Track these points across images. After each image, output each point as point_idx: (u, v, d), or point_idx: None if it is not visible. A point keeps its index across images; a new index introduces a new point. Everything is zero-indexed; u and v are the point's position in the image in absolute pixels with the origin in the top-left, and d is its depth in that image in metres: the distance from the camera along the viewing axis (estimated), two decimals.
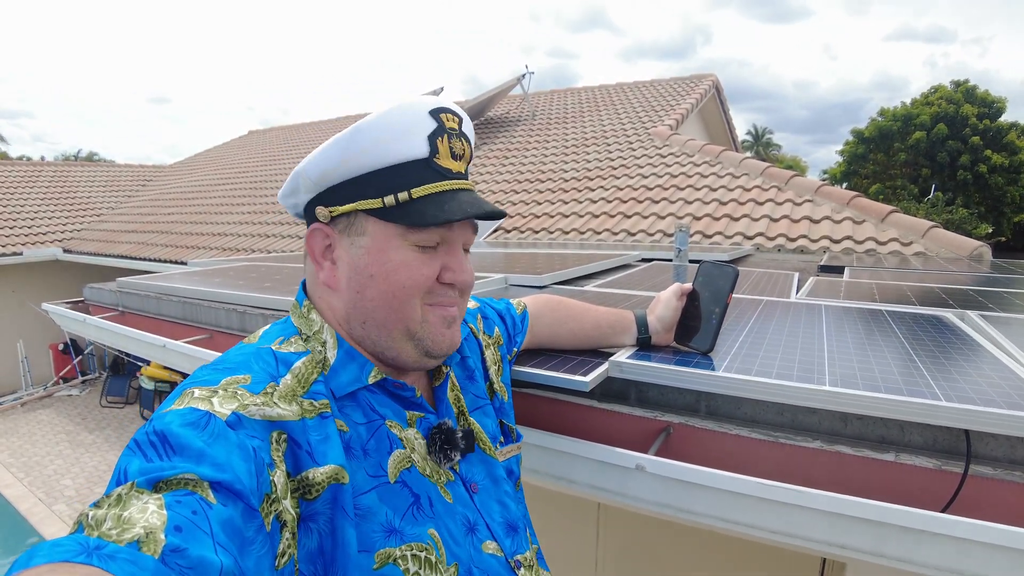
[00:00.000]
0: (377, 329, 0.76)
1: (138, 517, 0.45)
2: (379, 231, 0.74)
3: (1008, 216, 22.65)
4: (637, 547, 2.72)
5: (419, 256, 0.75)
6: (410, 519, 0.70)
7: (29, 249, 9.87)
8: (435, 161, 0.75)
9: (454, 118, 0.78)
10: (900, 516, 0.85)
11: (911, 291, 2.23)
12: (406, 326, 0.76)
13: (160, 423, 0.55)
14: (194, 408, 0.57)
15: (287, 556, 0.58)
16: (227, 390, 0.61)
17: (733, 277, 1.18)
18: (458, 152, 0.78)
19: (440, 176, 0.75)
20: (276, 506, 0.57)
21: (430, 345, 0.77)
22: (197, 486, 0.50)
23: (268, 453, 0.59)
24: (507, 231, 6.32)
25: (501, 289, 2.23)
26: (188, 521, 0.46)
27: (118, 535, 0.43)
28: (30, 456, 7.68)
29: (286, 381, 0.67)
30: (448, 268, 0.77)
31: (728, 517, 0.97)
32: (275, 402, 0.63)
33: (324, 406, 0.68)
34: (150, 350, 2.22)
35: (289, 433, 0.62)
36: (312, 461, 0.63)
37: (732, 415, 1.11)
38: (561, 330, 1.22)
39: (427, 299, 0.77)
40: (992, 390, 1.01)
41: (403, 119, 0.74)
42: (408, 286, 0.74)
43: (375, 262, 0.74)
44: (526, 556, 0.85)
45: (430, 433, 0.79)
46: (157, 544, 0.43)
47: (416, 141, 0.74)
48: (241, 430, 0.57)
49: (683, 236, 3.01)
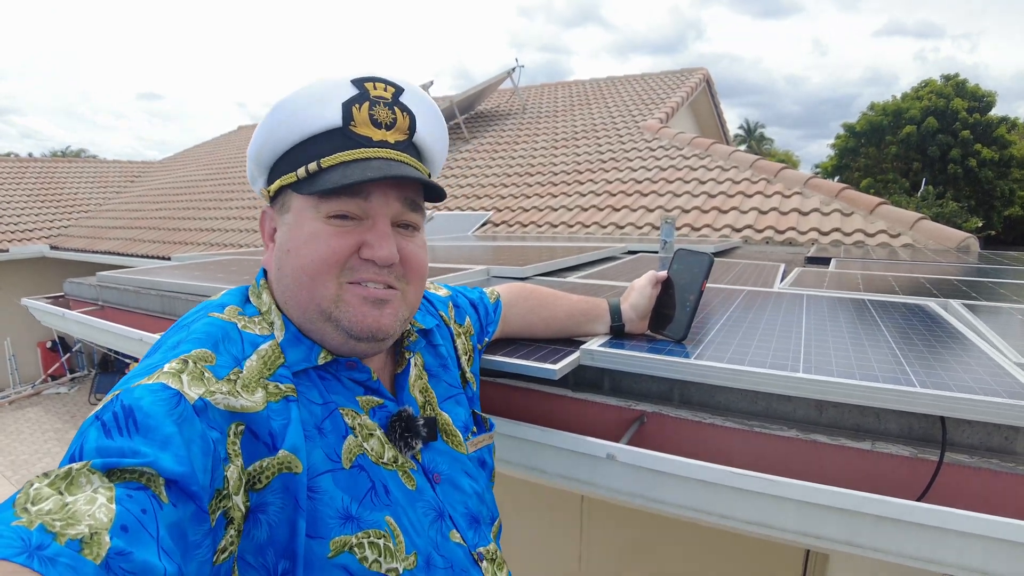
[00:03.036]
0: (297, 309, 0.73)
1: (84, 509, 0.43)
2: (297, 205, 0.73)
3: (998, 210, 22.76)
4: (622, 539, 2.70)
5: (331, 229, 0.71)
6: (368, 504, 0.68)
7: (16, 246, 9.76)
8: (350, 129, 0.72)
9: (386, 87, 0.75)
10: (874, 505, 0.84)
11: (896, 281, 2.22)
12: (319, 305, 0.71)
13: (128, 397, 0.53)
14: (165, 385, 0.55)
15: (227, 552, 0.56)
16: (196, 366, 0.60)
17: (708, 264, 1.16)
18: (381, 120, 0.73)
19: (355, 144, 0.72)
20: (226, 503, 0.56)
21: (349, 326, 0.71)
22: (151, 481, 0.48)
23: (224, 447, 0.57)
24: (496, 225, 6.29)
25: (483, 280, 2.20)
26: (136, 521, 0.45)
27: (62, 527, 0.41)
28: (18, 454, 7.62)
29: (251, 364, 0.65)
30: (367, 244, 0.72)
31: (700, 507, 0.96)
32: (239, 391, 0.61)
33: (290, 390, 0.67)
34: (128, 344, 2.19)
35: (248, 425, 0.61)
36: (268, 451, 0.61)
37: (706, 403, 1.09)
38: (534, 319, 1.20)
39: (346, 276, 0.72)
40: (970, 377, 0.99)
41: (318, 88, 0.72)
42: (315, 259, 0.70)
43: (291, 237, 0.72)
44: (488, 549, 0.83)
45: (390, 420, 0.76)
46: (101, 547, 0.41)
47: (328, 109, 0.71)
48: (205, 418, 0.56)
49: (669, 228, 2.99)
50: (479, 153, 9.12)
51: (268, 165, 0.76)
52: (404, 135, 0.76)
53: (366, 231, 0.72)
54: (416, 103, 0.77)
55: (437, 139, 0.82)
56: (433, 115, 0.81)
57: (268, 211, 0.78)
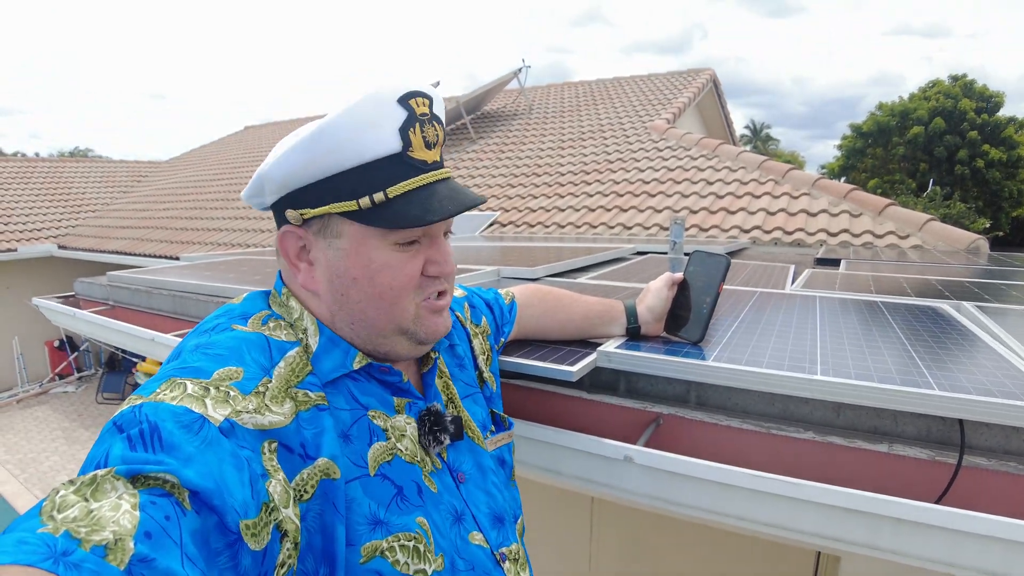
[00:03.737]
0: (367, 328, 0.74)
1: (109, 516, 0.43)
2: (356, 233, 0.71)
3: (1006, 211, 22.62)
4: (631, 541, 2.70)
5: (401, 256, 0.72)
6: (395, 509, 0.68)
7: (24, 245, 9.81)
8: (409, 155, 0.70)
9: (424, 101, 0.72)
10: (893, 508, 0.84)
11: (907, 283, 2.21)
12: (398, 325, 0.74)
13: (154, 414, 0.53)
14: (188, 409, 0.54)
15: (286, 567, 0.56)
16: (219, 388, 0.59)
17: (725, 266, 1.16)
18: (431, 140, 0.73)
19: (415, 170, 0.71)
20: (276, 515, 0.55)
21: (424, 336, 0.76)
22: (175, 489, 0.48)
23: (260, 463, 0.57)
24: (503, 225, 6.30)
25: (493, 281, 2.21)
26: (159, 527, 0.45)
27: (87, 534, 0.42)
28: (26, 453, 7.66)
29: (279, 372, 0.65)
30: (432, 261, 0.75)
31: (718, 509, 0.96)
32: (267, 404, 0.61)
33: (320, 398, 0.67)
34: (139, 343, 2.20)
35: (280, 440, 0.60)
36: (304, 461, 0.62)
37: (722, 406, 1.09)
38: (549, 320, 1.20)
39: (419, 296, 0.75)
40: (987, 380, 0.99)
41: (370, 112, 0.68)
42: (395, 287, 0.72)
43: (356, 265, 0.71)
44: (511, 549, 0.83)
45: (419, 416, 0.77)
46: (125, 553, 0.42)
47: (386, 135, 0.69)
48: (233, 438, 0.56)
49: (678, 229, 2.98)
50: (485, 153, 9.13)
51: (295, 187, 0.72)
52: (441, 149, 0.77)
53: (426, 249, 0.75)
54: (440, 110, 0.77)
55: None
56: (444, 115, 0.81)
57: (295, 231, 0.73)
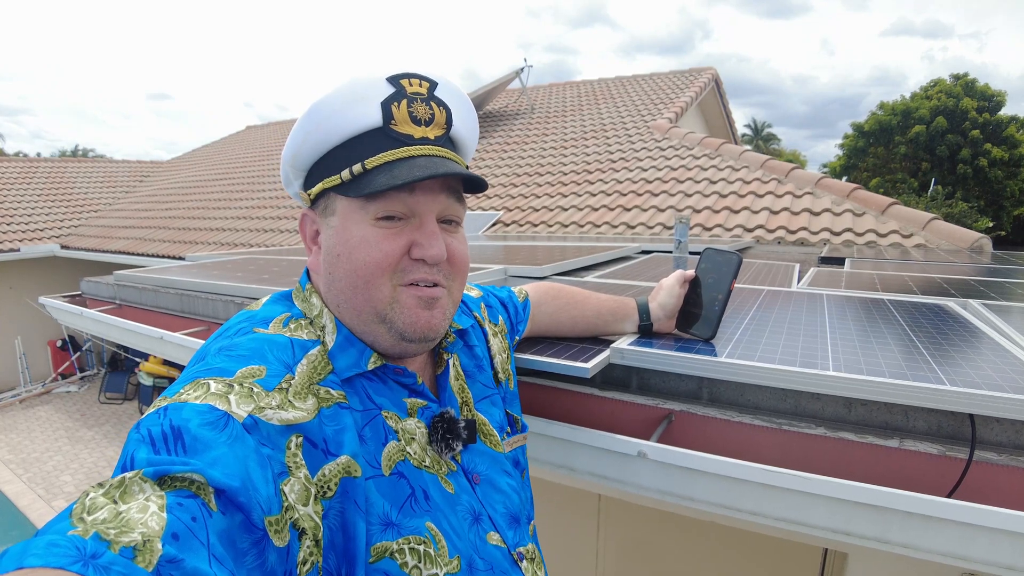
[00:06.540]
0: (351, 312, 0.73)
1: (137, 518, 0.44)
2: (344, 208, 0.72)
3: (1008, 210, 22.58)
4: (638, 540, 2.71)
5: (381, 231, 0.71)
6: (408, 511, 0.68)
7: (27, 245, 9.83)
8: (391, 128, 0.71)
9: (421, 83, 0.73)
10: (905, 501, 0.84)
11: (912, 281, 2.22)
12: (374, 308, 0.71)
13: (177, 417, 0.53)
14: (213, 407, 0.55)
15: (309, 564, 0.56)
16: (243, 385, 0.59)
17: (736, 264, 1.17)
18: (421, 117, 0.72)
19: (397, 143, 0.71)
20: (291, 514, 0.55)
21: (403, 328, 0.72)
22: (201, 489, 0.49)
23: (283, 461, 0.57)
24: (506, 225, 6.30)
25: (500, 280, 2.22)
26: (187, 529, 0.45)
27: (115, 536, 0.42)
28: (29, 452, 7.67)
29: (302, 369, 0.66)
30: (416, 244, 0.71)
31: (731, 504, 0.96)
32: (290, 400, 0.61)
33: (341, 396, 0.67)
34: (147, 342, 2.21)
35: (305, 435, 0.61)
36: (326, 457, 0.62)
37: (735, 402, 1.10)
38: (562, 317, 1.21)
39: (399, 279, 0.72)
40: (997, 375, 0.99)
41: (355, 88, 0.71)
42: (369, 263, 0.70)
43: (340, 241, 0.72)
44: (528, 549, 0.83)
45: (432, 422, 0.76)
46: (153, 554, 0.42)
47: (370, 109, 0.70)
48: (257, 434, 0.56)
49: (683, 228, 2.99)
50: (488, 153, 9.13)
51: (305, 168, 0.76)
52: (442, 130, 0.75)
53: (414, 230, 0.72)
54: (451, 97, 0.77)
55: (471, 130, 0.82)
56: (467, 108, 0.80)
57: (309, 214, 0.77)
